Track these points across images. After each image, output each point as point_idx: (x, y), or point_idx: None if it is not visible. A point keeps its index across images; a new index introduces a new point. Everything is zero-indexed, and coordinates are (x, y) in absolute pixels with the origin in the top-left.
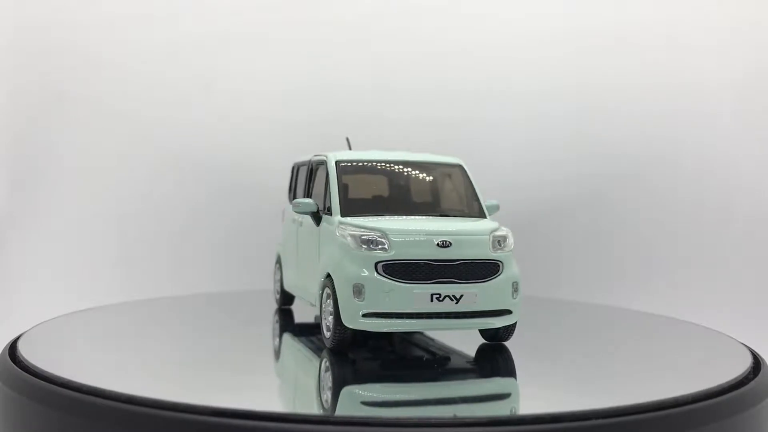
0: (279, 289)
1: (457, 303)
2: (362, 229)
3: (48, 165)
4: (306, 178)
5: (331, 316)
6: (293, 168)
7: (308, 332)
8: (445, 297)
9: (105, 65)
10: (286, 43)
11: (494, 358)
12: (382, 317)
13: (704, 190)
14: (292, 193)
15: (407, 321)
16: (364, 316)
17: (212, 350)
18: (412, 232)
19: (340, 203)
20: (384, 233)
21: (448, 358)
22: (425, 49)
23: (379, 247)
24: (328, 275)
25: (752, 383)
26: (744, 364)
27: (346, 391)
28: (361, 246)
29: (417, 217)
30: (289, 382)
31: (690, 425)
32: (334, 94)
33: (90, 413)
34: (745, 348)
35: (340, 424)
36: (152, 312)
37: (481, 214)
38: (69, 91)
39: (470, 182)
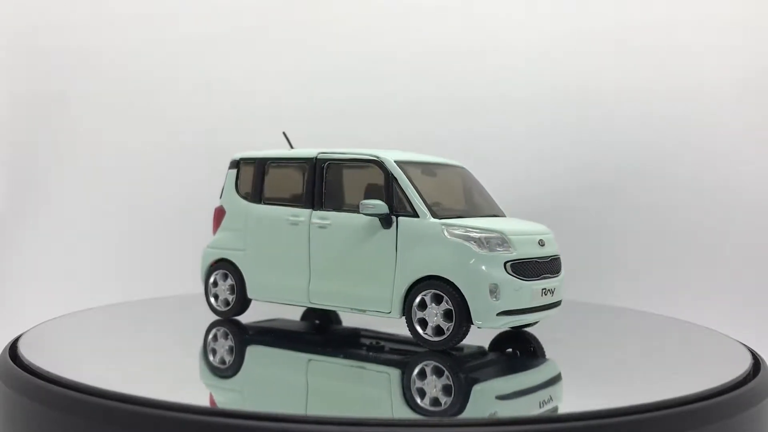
0: (231, 298)
1: (552, 295)
2: (483, 231)
3: (48, 165)
4: (311, 175)
5: (441, 318)
6: (238, 163)
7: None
8: (547, 291)
9: (105, 65)
10: (286, 43)
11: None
12: (510, 314)
13: (705, 190)
14: (255, 192)
15: (525, 316)
16: (498, 314)
17: (219, 351)
18: (521, 232)
19: (426, 205)
20: (503, 234)
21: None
22: (424, 50)
23: (502, 247)
24: (433, 278)
25: (752, 383)
26: (744, 364)
27: (478, 388)
28: (485, 247)
29: (490, 218)
30: (370, 388)
31: (690, 425)
32: (333, 94)
33: (90, 413)
34: (745, 348)
35: (341, 425)
36: (152, 312)
37: (502, 213)
38: (69, 91)
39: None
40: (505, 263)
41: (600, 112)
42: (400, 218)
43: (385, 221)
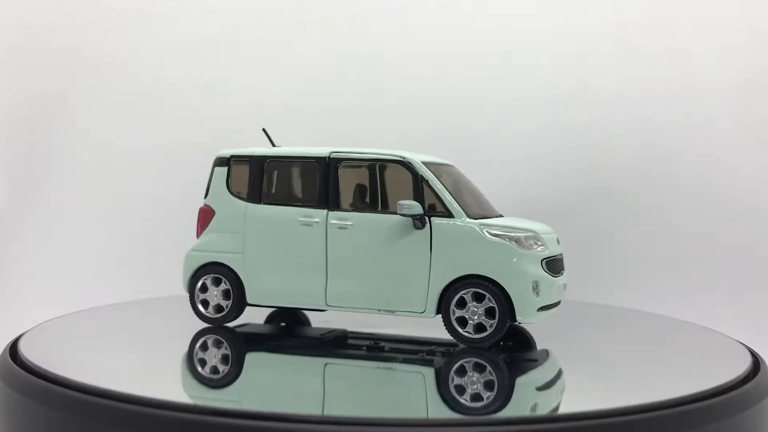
0: (226, 304)
1: (566, 290)
2: (521, 231)
3: (48, 165)
4: (324, 175)
5: (482, 316)
6: (228, 161)
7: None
8: (564, 286)
9: (105, 65)
10: (285, 43)
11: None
12: (544, 309)
13: (704, 191)
14: (253, 192)
15: (551, 311)
16: (538, 310)
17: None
18: (546, 232)
19: (460, 206)
20: (537, 233)
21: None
22: (423, 51)
23: (537, 246)
24: (471, 276)
25: (752, 383)
26: (744, 364)
27: (520, 381)
28: (525, 246)
29: (507, 218)
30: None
31: (690, 425)
32: (331, 93)
33: (90, 413)
34: (744, 348)
35: (341, 424)
36: (152, 312)
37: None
38: (69, 91)
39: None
40: (542, 261)
41: (599, 112)
42: (433, 219)
43: (419, 222)
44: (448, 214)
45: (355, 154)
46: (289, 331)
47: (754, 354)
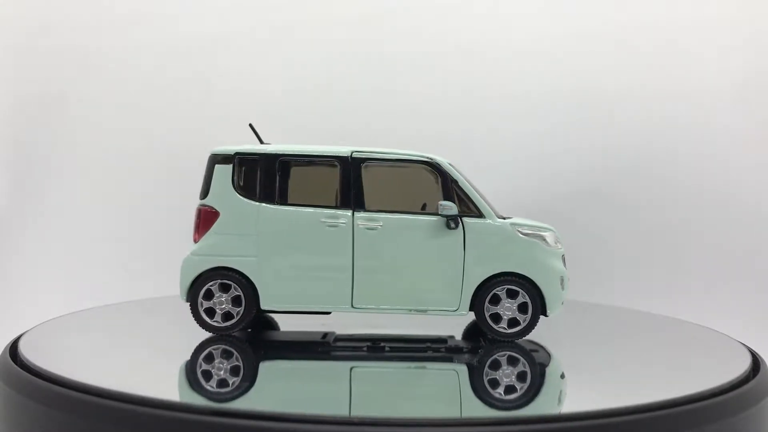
0: (237, 311)
1: None
2: (545, 229)
3: (48, 165)
4: (346, 175)
5: (516, 312)
6: (233, 158)
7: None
8: None
9: (105, 65)
10: (287, 43)
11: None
12: (563, 304)
13: (704, 192)
14: (266, 192)
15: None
16: (562, 303)
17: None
18: (556, 230)
19: (490, 206)
20: (555, 232)
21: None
22: (423, 51)
23: (558, 244)
24: (503, 274)
25: (752, 383)
26: (744, 364)
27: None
28: (551, 244)
29: (514, 217)
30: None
31: (690, 425)
32: (333, 92)
33: (90, 413)
34: (745, 348)
35: (339, 424)
36: (152, 312)
37: None
38: (69, 91)
39: None
40: (562, 257)
41: (600, 112)
42: (465, 219)
43: (453, 222)
44: (479, 215)
45: (378, 153)
46: (279, 336)
47: (754, 354)
